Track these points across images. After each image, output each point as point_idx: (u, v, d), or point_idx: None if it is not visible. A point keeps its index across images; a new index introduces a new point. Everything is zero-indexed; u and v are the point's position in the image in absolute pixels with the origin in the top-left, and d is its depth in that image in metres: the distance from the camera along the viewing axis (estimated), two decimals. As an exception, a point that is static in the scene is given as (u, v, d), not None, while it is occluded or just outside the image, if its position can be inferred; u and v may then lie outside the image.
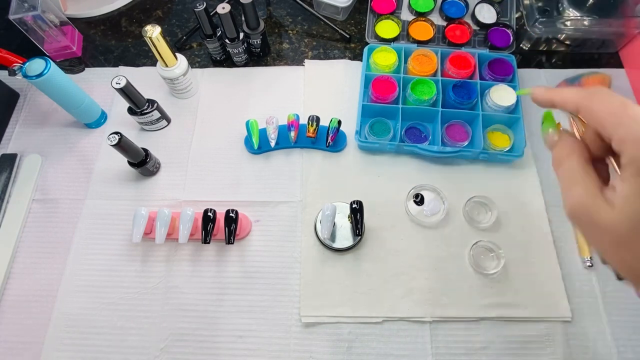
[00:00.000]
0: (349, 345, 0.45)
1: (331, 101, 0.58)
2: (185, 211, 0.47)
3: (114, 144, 0.46)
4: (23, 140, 0.58)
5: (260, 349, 0.45)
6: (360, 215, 0.46)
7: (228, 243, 0.46)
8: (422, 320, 0.46)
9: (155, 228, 0.47)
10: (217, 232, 0.48)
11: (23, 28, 0.58)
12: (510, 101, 0.53)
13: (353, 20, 0.66)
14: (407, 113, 0.54)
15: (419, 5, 0.63)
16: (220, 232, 0.48)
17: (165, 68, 0.54)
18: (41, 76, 0.47)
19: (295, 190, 0.53)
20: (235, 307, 0.47)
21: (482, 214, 0.51)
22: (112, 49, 0.65)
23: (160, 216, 0.46)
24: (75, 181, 0.54)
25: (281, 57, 0.63)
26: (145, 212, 0.47)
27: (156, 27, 0.49)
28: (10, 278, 0.49)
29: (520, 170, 0.53)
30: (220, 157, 0.55)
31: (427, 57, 0.57)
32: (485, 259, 0.49)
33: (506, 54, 0.57)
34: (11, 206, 0.52)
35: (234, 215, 0.47)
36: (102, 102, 0.59)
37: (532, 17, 0.57)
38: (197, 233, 0.47)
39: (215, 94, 0.60)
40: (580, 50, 0.62)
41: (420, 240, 0.50)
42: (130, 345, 0.46)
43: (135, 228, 0.46)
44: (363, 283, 0.48)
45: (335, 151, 0.55)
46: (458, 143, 0.52)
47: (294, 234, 0.50)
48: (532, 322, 0.46)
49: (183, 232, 0.46)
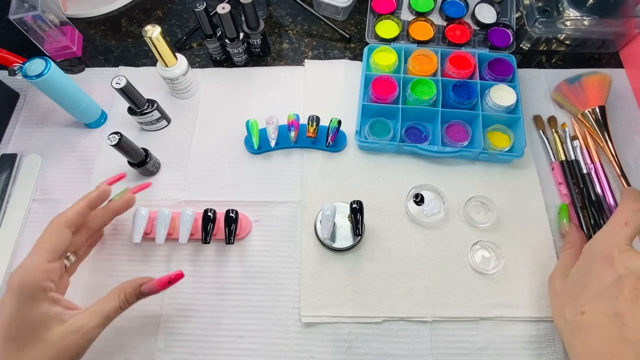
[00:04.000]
0: (349, 345, 0.45)
1: (331, 101, 0.58)
2: (185, 211, 0.47)
3: (114, 144, 0.46)
4: (23, 140, 0.58)
5: (260, 349, 0.45)
6: (360, 215, 0.46)
7: (228, 243, 0.46)
8: (422, 320, 0.46)
9: (155, 228, 0.47)
10: (217, 232, 0.48)
11: (23, 28, 0.58)
12: (510, 101, 0.53)
13: (353, 20, 0.66)
14: (407, 113, 0.54)
15: (419, 5, 0.63)
16: (220, 232, 0.48)
17: (165, 68, 0.54)
18: (41, 76, 0.47)
19: (295, 190, 0.53)
20: (235, 307, 0.47)
21: (482, 214, 0.51)
22: (112, 49, 0.65)
23: (160, 216, 0.46)
24: (75, 181, 0.54)
25: (281, 57, 0.63)
26: (146, 212, 0.47)
27: (156, 27, 0.49)
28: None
29: (520, 170, 0.53)
30: (220, 157, 0.55)
31: (427, 57, 0.57)
32: (485, 259, 0.49)
33: (506, 54, 0.57)
34: (11, 206, 0.53)
35: (234, 215, 0.47)
36: (102, 102, 0.59)
37: (532, 17, 0.57)
38: (197, 233, 0.47)
39: (215, 94, 0.60)
40: (580, 50, 0.62)
41: (420, 240, 0.50)
42: (130, 345, 0.46)
43: (136, 228, 0.46)
44: (363, 283, 0.48)
45: (335, 151, 0.55)
46: (458, 143, 0.52)
47: (294, 234, 0.50)
48: (532, 322, 0.46)
49: (183, 232, 0.46)
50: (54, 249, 0.36)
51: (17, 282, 0.34)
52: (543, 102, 0.58)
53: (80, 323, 0.35)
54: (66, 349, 0.34)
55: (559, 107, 0.58)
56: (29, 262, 0.35)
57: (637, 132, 0.56)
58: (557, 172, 0.53)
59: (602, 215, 0.50)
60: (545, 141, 0.55)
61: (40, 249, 0.36)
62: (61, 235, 0.37)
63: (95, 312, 0.37)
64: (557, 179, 0.53)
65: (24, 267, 0.35)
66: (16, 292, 0.33)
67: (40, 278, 0.34)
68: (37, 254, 0.36)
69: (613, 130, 0.54)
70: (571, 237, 0.46)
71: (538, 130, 0.56)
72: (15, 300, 0.33)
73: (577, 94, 0.55)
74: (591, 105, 0.54)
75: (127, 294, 0.39)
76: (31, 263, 0.35)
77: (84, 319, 0.36)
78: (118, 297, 0.39)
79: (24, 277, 0.34)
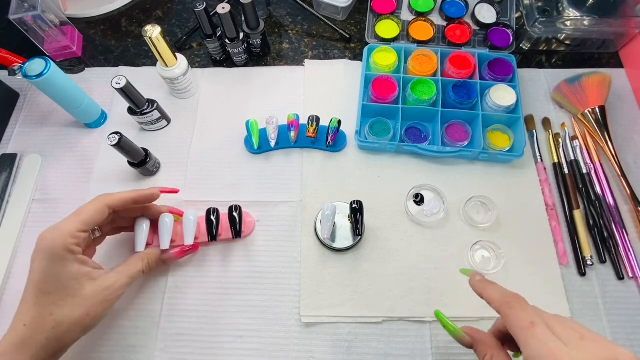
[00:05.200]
0: (349, 345, 0.45)
1: (331, 101, 0.58)
2: (188, 216, 0.46)
3: (114, 144, 0.46)
4: (23, 140, 0.58)
5: (260, 349, 0.45)
6: (360, 215, 0.46)
7: (235, 237, 0.46)
8: (422, 320, 0.46)
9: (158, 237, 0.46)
10: (222, 233, 0.48)
11: (23, 28, 0.58)
12: (510, 101, 0.53)
13: (353, 20, 0.66)
14: (407, 113, 0.54)
15: (419, 5, 0.63)
16: (224, 232, 0.48)
17: (165, 68, 0.54)
18: (41, 76, 0.47)
19: (295, 190, 0.53)
20: (235, 307, 0.47)
21: (482, 214, 0.51)
22: (112, 49, 0.65)
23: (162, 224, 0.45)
24: (75, 181, 0.54)
25: (281, 57, 0.63)
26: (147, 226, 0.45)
27: (156, 27, 0.49)
28: (10, 278, 0.49)
29: (520, 170, 0.53)
30: (220, 157, 0.55)
31: (427, 57, 0.57)
32: (485, 259, 0.49)
33: (506, 54, 0.57)
34: (11, 206, 0.53)
35: (237, 210, 0.47)
36: (102, 102, 0.59)
37: (532, 17, 0.57)
38: (201, 236, 0.48)
39: (215, 94, 0.60)
40: (580, 50, 0.62)
41: (420, 240, 0.50)
42: (130, 345, 0.46)
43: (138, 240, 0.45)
44: (363, 283, 0.48)
45: (335, 151, 0.55)
46: (458, 143, 0.52)
47: (294, 234, 0.50)
48: (532, 322, 0.46)
49: (188, 238, 0.46)
50: (89, 221, 0.38)
51: (49, 244, 0.36)
52: (543, 102, 0.58)
53: (111, 281, 0.39)
54: (99, 304, 0.38)
55: (559, 107, 0.58)
56: (62, 227, 0.37)
57: (637, 132, 0.56)
58: (540, 173, 0.53)
59: (602, 215, 0.50)
60: (535, 142, 0.55)
61: (76, 217, 0.38)
62: (100, 212, 0.39)
63: (123, 272, 0.41)
64: (542, 180, 0.53)
65: (57, 230, 0.37)
66: (47, 252, 0.36)
67: (70, 243, 0.36)
68: (72, 220, 0.38)
69: (613, 130, 0.54)
70: (487, 341, 0.34)
71: (528, 130, 0.55)
72: (46, 260, 0.36)
73: (577, 94, 0.55)
74: (591, 105, 0.54)
75: (150, 260, 0.44)
76: (64, 228, 0.37)
77: (113, 278, 0.39)
78: (142, 261, 0.43)
79: (56, 239, 0.36)
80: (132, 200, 0.42)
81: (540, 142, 0.55)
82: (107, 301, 0.39)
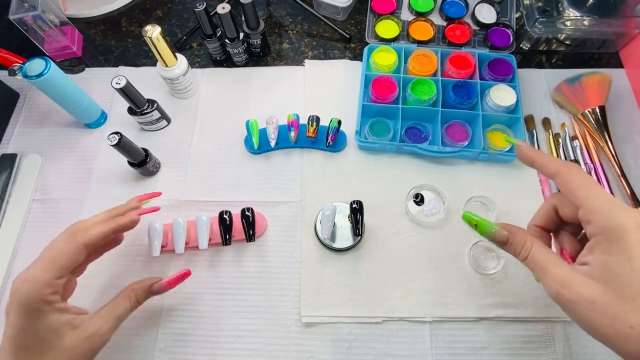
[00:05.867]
0: (349, 345, 0.45)
1: (331, 101, 0.58)
2: (201, 218, 0.46)
3: (114, 144, 0.46)
4: (23, 140, 0.58)
5: (260, 349, 0.45)
6: (360, 215, 0.46)
7: (249, 241, 0.46)
8: (422, 320, 0.46)
9: (171, 240, 0.46)
10: (235, 234, 0.48)
11: (23, 28, 0.58)
12: (510, 101, 0.53)
13: (353, 20, 0.66)
14: (407, 113, 0.54)
15: (419, 5, 0.63)
16: (238, 233, 0.48)
17: (165, 68, 0.54)
18: (41, 76, 0.47)
19: (295, 190, 0.53)
20: (235, 307, 0.47)
21: (482, 214, 0.51)
22: (112, 49, 0.65)
23: (175, 227, 0.46)
24: (75, 181, 0.54)
25: (281, 57, 0.63)
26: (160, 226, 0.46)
27: (156, 27, 0.49)
28: (10, 278, 0.49)
29: (520, 170, 0.53)
30: (220, 157, 0.55)
31: (427, 57, 0.57)
32: (485, 259, 0.49)
33: (506, 54, 0.57)
34: (11, 206, 0.53)
35: (251, 213, 0.47)
36: (102, 102, 0.59)
37: (532, 17, 0.57)
38: (214, 237, 0.48)
39: (215, 94, 0.60)
40: (580, 50, 0.62)
41: (420, 240, 0.50)
42: (130, 345, 0.46)
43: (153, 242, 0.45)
44: (363, 283, 0.48)
45: (335, 151, 0.55)
46: (458, 143, 0.52)
47: (294, 234, 0.50)
48: (532, 322, 0.46)
49: (202, 241, 0.46)
50: (66, 266, 0.35)
51: (23, 297, 0.33)
52: (543, 102, 0.58)
53: (95, 327, 0.36)
54: (82, 354, 0.35)
55: (559, 107, 0.58)
56: (36, 275, 0.34)
57: (637, 132, 0.56)
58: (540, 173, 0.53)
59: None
60: (535, 142, 0.55)
61: (52, 264, 0.34)
62: (77, 254, 0.36)
63: (108, 315, 0.37)
64: (542, 180, 0.53)
65: (31, 280, 0.33)
66: (22, 306, 0.33)
67: (46, 293, 0.33)
68: (47, 268, 0.34)
69: (613, 130, 0.54)
70: (521, 235, 0.32)
71: (528, 130, 0.56)
72: (22, 314, 0.33)
73: (577, 94, 0.55)
74: (591, 105, 0.54)
75: (137, 295, 0.40)
76: (39, 277, 0.33)
77: (98, 323, 0.36)
78: (129, 298, 0.39)
79: (31, 291, 0.33)
80: (111, 232, 0.39)
81: (541, 142, 0.55)
82: (92, 350, 0.35)
